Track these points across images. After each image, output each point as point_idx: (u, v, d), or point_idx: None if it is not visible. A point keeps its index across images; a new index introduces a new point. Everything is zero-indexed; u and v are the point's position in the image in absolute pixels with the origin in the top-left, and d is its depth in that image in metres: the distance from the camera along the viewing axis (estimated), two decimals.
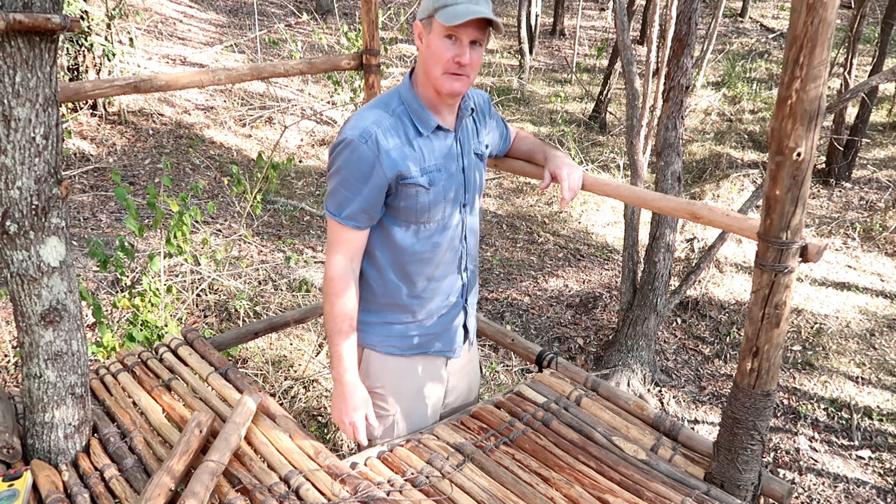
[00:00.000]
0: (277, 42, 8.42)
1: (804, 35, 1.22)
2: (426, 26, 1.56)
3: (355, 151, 1.53)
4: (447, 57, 1.54)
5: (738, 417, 1.54)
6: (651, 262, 4.23)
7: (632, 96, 4.18)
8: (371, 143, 1.53)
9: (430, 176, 1.61)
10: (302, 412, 3.29)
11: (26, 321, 1.49)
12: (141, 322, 3.01)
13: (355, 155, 1.53)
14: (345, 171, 1.55)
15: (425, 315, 1.75)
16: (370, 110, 1.59)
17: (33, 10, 1.30)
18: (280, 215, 5.78)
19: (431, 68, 1.56)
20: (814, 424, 3.97)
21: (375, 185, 1.55)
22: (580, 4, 12.52)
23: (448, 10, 1.51)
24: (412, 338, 1.76)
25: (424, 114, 1.61)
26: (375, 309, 1.72)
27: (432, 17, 1.53)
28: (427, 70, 1.57)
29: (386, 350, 1.75)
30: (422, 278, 1.70)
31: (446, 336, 1.82)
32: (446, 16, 1.49)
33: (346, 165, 1.54)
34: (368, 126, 1.54)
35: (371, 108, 1.60)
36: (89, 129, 6.43)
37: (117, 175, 2.90)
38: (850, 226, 6.33)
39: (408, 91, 1.62)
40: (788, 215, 1.35)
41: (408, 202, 1.60)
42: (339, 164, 1.55)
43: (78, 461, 1.60)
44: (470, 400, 2.06)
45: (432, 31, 1.54)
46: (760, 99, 9.41)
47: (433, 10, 1.52)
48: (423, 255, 1.68)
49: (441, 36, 1.53)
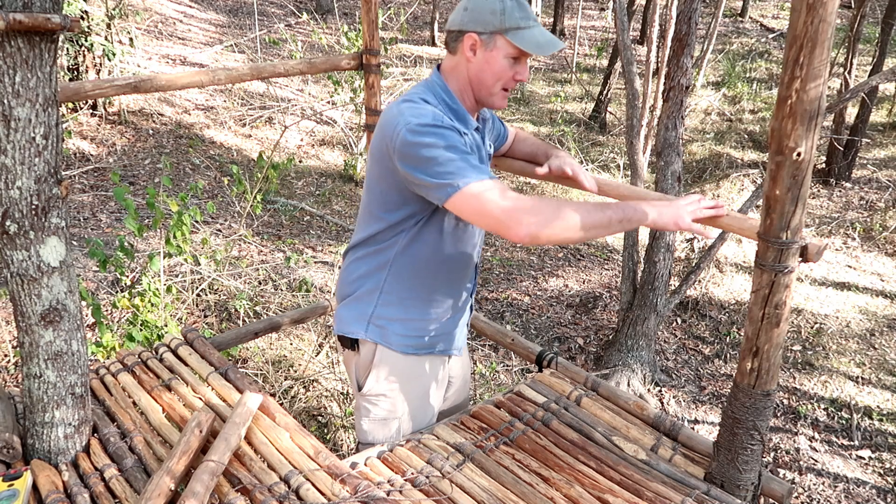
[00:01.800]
0: (277, 42, 8.42)
1: (804, 35, 1.22)
2: (487, 42, 1.53)
3: (442, 129, 1.44)
4: (509, 75, 1.55)
5: (738, 417, 1.54)
6: (651, 261, 4.23)
7: (632, 96, 4.18)
8: (448, 122, 1.48)
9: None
10: (302, 412, 3.29)
11: (26, 321, 1.49)
12: (141, 322, 3.01)
13: (444, 131, 1.44)
14: (452, 141, 1.43)
15: (443, 312, 1.75)
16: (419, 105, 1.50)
17: (33, 10, 1.30)
18: (280, 215, 5.78)
19: (487, 83, 1.56)
20: (814, 424, 3.97)
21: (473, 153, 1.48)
22: (580, 4, 12.52)
23: (524, 35, 1.52)
24: (428, 336, 1.75)
25: (465, 113, 1.61)
26: (398, 301, 1.70)
27: (497, 34, 1.52)
28: (480, 82, 1.57)
29: (401, 349, 1.73)
30: (452, 275, 1.71)
31: (455, 334, 1.83)
32: (526, 43, 1.51)
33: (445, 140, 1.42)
34: (434, 112, 1.49)
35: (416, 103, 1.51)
36: (89, 129, 6.43)
37: (116, 175, 2.90)
38: (850, 226, 6.33)
39: (445, 91, 1.60)
40: (788, 215, 1.35)
41: None
42: (437, 143, 1.42)
43: (78, 461, 1.60)
44: (465, 395, 2.08)
45: (496, 48, 1.53)
46: (760, 99, 9.40)
47: (501, 28, 1.51)
48: (457, 251, 1.69)
49: (507, 56, 1.53)
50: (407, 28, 8.23)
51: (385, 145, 1.52)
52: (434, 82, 1.62)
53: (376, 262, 1.69)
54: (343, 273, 1.78)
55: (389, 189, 1.59)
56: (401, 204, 1.60)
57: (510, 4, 1.52)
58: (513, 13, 1.51)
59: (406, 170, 1.47)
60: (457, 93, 1.61)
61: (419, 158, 1.43)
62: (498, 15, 1.51)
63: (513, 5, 1.52)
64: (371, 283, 1.70)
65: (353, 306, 1.73)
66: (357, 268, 1.73)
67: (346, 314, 1.74)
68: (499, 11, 1.51)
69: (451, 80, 1.61)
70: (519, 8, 1.52)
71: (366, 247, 1.70)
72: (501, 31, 1.51)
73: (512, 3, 1.52)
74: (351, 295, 1.74)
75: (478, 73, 1.56)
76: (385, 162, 1.55)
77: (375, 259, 1.69)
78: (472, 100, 1.62)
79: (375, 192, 1.63)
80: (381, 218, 1.64)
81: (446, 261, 1.69)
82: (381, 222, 1.64)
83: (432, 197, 1.46)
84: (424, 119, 1.45)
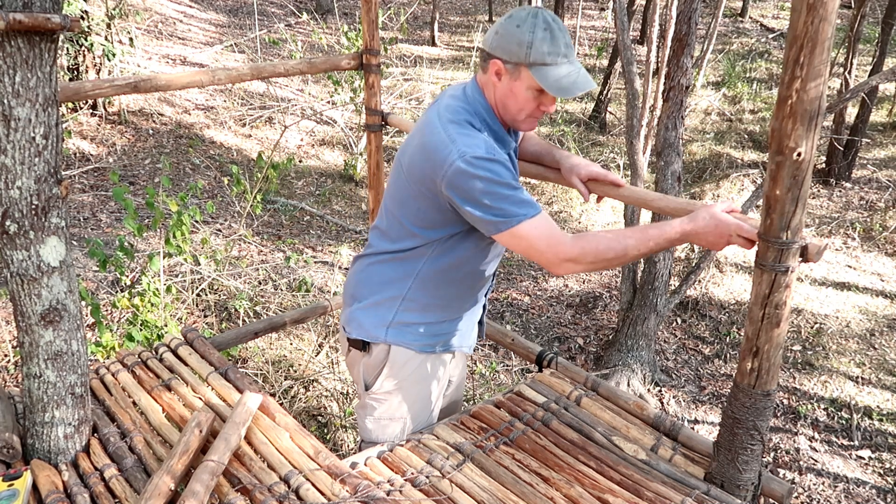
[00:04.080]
0: (277, 42, 8.42)
1: (804, 35, 1.22)
2: (511, 72, 1.49)
3: (496, 163, 1.44)
4: (533, 106, 1.52)
5: (738, 417, 1.53)
6: (651, 261, 4.23)
7: (632, 96, 4.18)
8: (501, 154, 1.48)
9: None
10: (302, 412, 3.29)
11: (26, 321, 1.49)
12: (141, 322, 3.01)
13: (498, 165, 1.45)
14: (505, 178, 1.45)
15: (462, 313, 1.77)
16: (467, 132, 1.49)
17: (33, 9, 1.30)
18: (280, 215, 5.78)
19: (513, 111, 1.54)
20: (814, 424, 3.97)
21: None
22: (580, 4, 12.52)
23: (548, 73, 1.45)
24: (446, 334, 1.76)
25: (505, 135, 1.60)
26: (420, 308, 1.70)
27: (521, 65, 1.47)
28: (505, 108, 1.55)
29: (419, 348, 1.73)
30: (476, 283, 1.72)
31: (469, 332, 1.84)
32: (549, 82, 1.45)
33: (500, 174, 1.44)
34: (486, 143, 1.47)
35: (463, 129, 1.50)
36: (89, 129, 6.43)
37: (116, 175, 2.90)
38: (850, 226, 6.33)
39: (485, 108, 1.57)
40: (788, 215, 1.35)
41: None
42: (492, 178, 1.44)
43: (78, 461, 1.60)
44: (461, 395, 2.11)
45: (519, 79, 1.49)
46: (760, 99, 9.40)
47: (526, 62, 1.46)
48: (485, 262, 1.70)
49: (531, 88, 1.49)
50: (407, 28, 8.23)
51: (432, 170, 1.49)
52: (476, 100, 1.57)
53: (402, 270, 1.67)
54: (360, 275, 1.75)
55: (429, 208, 1.57)
56: (441, 224, 1.59)
57: (540, 37, 1.45)
58: (540, 48, 1.45)
59: (457, 200, 1.48)
60: (495, 109, 1.58)
61: (472, 192, 1.45)
62: (525, 48, 1.45)
63: (543, 38, 1.45)
64: (394, 290, 1.68)
65: (371, 312, 1.71)
66: (379, 272, 1.70)
67: (364, 320, 1.72)
68: (526, 44, 1.45)
69: (487, 97, 1.58)
70: (550, 42, 1.45)
71: (392, 254, 1.68)
72: (525, 64, 1.46)
73: (543, 36, 1.45)
74: (368, 299, 1.72)
75: (503, 99, 1.54)
76: (428, 184, 1.52)
77: (401, 267, 1.67)
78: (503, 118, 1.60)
79: (411, 208, 1.60)
80: (416, 234, 1.62)
81: (473, 271, 1.70)
82: (416, 238, 1.62)
83: (481, 228, 1.51)
84: (478, 151, 1.44)
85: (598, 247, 1.45)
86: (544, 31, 1.45)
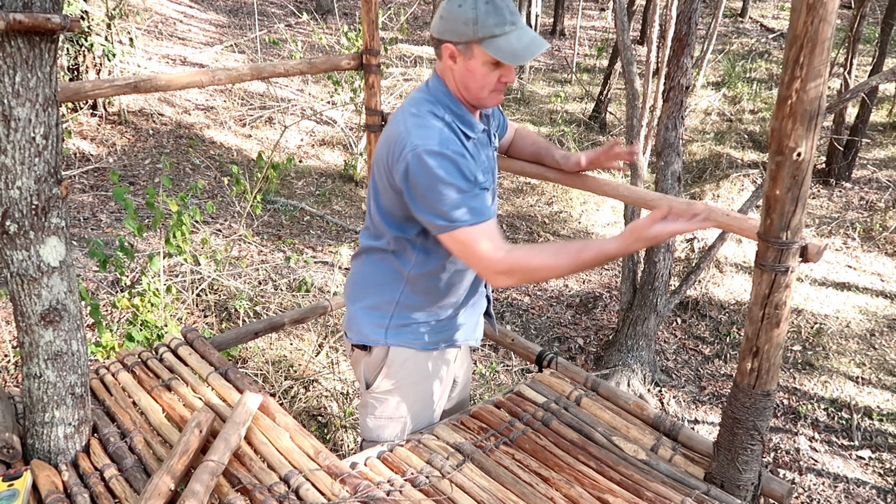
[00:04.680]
0: (277, 42, 8.42)
1: (804, 35, 1.22)
2: (464, 52, 1.48)
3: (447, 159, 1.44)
4: (493, 80, 1.51)
5: (738, 417, 1.54)
6: (651, 262, 4.23)
7: (632, 96, 4.18)
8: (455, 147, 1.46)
9: (488, 177, 1.60)
10: (302, 412, 3.29)
11: (26, 321, 1.49)
12: (141, 322, 3.01)
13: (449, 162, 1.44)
14: (455, 179, 1.43)
15: (460, 310, 1.76)
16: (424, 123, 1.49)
17: (33, 10, 1.30)
18: (280, 215, 5.78)
19: (474, 90, 1.53)
20: (814, 424, 3.97)
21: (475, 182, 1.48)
22: (580, 4, 12.52)
23: (500, 44, 1.44)
24: (446, 330, 1.75)
25: (471, 118, 1.58)
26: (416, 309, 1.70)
27: (472, 43, 1.46)
28: (466, 88, 1.53)
29: (421, 346, 1.73)
30: (460, 276, 1.71)
31: (473, 326, 1.83)
32: (502, 52, 1.44)
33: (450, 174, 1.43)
34: (440, 135, 1.47)
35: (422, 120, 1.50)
36: (89, 129, 6.43)
37: (116, 175, 2.90)
38: (850, 226, 6.33)
39: (446, 95, 1.56)
40: (788, 215, 1.35)
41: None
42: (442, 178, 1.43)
43: (78, 461, 1.60)
44: (466, 395, 2.10)
45: (473, 56, 1.48)
46: (760, 99, 9.41)
47: (475, 38, 1.45)
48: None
49: (487, 63, 1.48)
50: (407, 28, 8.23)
51: (391, 163, 1.50)
52: (437, 88, 1.57)
53: (393, 272, 1.67)
54: (356, 276, 1.76)
55: (392, 204, 1.58)
56: (404, 220, 1.59)
57: (484, 10, 1.44)
58: (486, 21, 1.44)
59: (406, 195, 1.49)
60: (456, 94, 1.58)
61: (417, 189, 1.46)
62: (471, 25, 1.44)
63: (487, 11, 1.44)
64: (388, 293, 1.69)
65: (369, 314, 1.71)
66: (372, 273, 1.71)
67: (363, 323, 1.72)
68: (471, 21, 1.44)
69: (452, 86, 1.57)
70: (494, 13, 1.44)
71: (380, 252, 1.68)
72: (476, 40, 1.45)
73: (486, 9, 1.44)
74: (365, 301, 1.72)
75: (462, 80, 1.53)
76: (388, 177, 1.53)
77: (391, 268, 1.67)
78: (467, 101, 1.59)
79: (384, 203, 1.61)
80: (391, 229, 1.62)
81: (464, 269, 1.69)
82: (392, 234, 1.63)
83: (426, 225, 1.52)
84: (430, 144, 1.44)
85: (529, 263, 1.45)
86: (486, 3, 1.44)
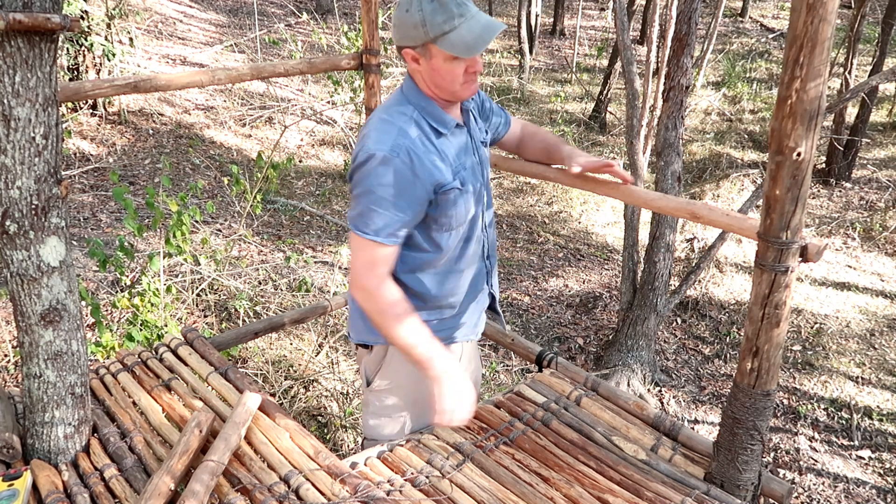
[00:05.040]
0: (277, 42, 8.42)
1: (804, 35, 1.22)
2: (423, 54, 1.48)
3: (390, 169, 1.44)
4: (460, 73, 1.49)
5: (738, 417, 1.53)
6: (651, 262, 4.23)
7: (632, 96, 4.18)
8: (405, 158, 1.45)
9: (461, 176, 1.57)
10: (302, 412, 3.29)
11: (26, 321, 1.49)
12: (141, 322, 3.01)
13: (390, 172, 1.44)
14: (380, 190, 1.45)
15: (457, 308, 1.75)
16: (388, 121, 1.52)
17: (33, 9, 1.30)
18: (280, 215, 5.78)
19: (446, 86, 1.51)
20: (814, 424, 3.97)
21: (416, 198, 1.48)
22: (580, 4, 12.52)
23: (452, 39, 1.43)
24: (445, 330, 1.75)
25: (442, 114, 1.56)
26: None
27: (427, 44, 1.46)
28: (438, 86, 1.52)
29: None
30: (454, 275, 1.69)
31: (472, 322, 1.82)
32: (455, 47, 1.43)
33: (380, 183, 1.45)
34: (396, 138, 1.47)
35: (387, 117, 1.53)
36: (89, 129, 6.43)
37: (115, 175, 2.90)
38: (850, 226, 6.33)
39: (417, 94, 1.56)
40: (788, 215, 1.35)
41: (450, 209, 1.55)
42: (371, 183, 1.45)
43: (78, 461, 1.60)
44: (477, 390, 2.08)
45: (433, 56, 1.47)
46: (760, 99, 9.41)
47: (427, 39, 1.45)
48: (456, 254, 1.67)
49: (447, 59, 1.47)
50: None
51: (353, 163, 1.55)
52: (410, 89, 1.57)
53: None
54: None
55: None
56: None
57: (430, 10, 1.42)
58: (434, 20, 1.42)
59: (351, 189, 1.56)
60: (428, 92, 1.57)
61: (355, 184, 1.50)
62: (420, 27, 1.43)
63: (433, 9, 1.42)
64: None
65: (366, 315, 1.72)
66: None
67: (360, 322, 1.72)
68: (420, 23, 1.43)
69: (420, 84, 1.56)
70: (441, 10, 1.43)
71: None
72: (429, 41, 1.45)
73: (432, 8, 1.42)
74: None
75: (431, 80, 1.52)
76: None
77: None
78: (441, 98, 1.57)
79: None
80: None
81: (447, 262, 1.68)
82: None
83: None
84: (381, 149, 1.45)
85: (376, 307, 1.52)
86: (430, 2, 1.43)
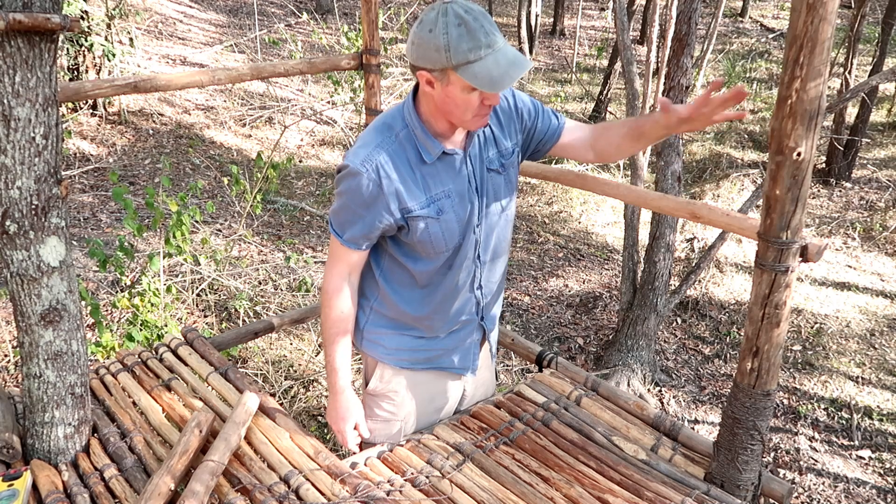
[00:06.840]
0: (277, 42, 8.42)
1: (804, 35, 1.22)
2: (440, 78, 1.38)
3: (358, 181, 1.46)
4: (475, 105, 1.40)
5: (738, 417, 1.53)
6: (651, 261, 4.23)
7: (632, 96, 4.18)
8: (373, 174, 1.45)
9: (439, 204, 1.52)
10: (302, 412, 3.29)
11: (26, 321, 1.49)
12: (141, 322, 3.01)
13: (357, 184, 1.47)
14: (347, 198, 1.50)
15: (435, 332, 1.72)
16: (374, 134, 1.51)
17: (33, 10, 1.30)
18: (280, 215, 5.78)
19: (457, 115, 1.44)
20: (814, 424, 3.97)
21: (378, 213, 1.49)
22: (580, 4, 12.52)
23: (476, 70, 1.33)
24: (423, 352, 1.73)
25: (430, 142, 1.49)
26: (387, 321, 1.70)
27: (447, 70, 1.35)
28: (449, 113, 1.45)
29: (398, 363, 1.72)
30: (432, 300, 1.66)
31: (461, 352, 1.78)
32: (478, 80, 1.33)
33: (348, 192, 1.50)
34: (371, 153, 1.46)
35: (375, 131, 1.51)
36: (89, 129, 6.43)
37: (115, 175, 2.90)
38: (850, 226, 6.33)
39: (412, 115, 1.49)
40: (788, 215, 1.35)
41: (421, 236, 1.53)
42: (341, 189, 1.51)
43: (78, 461, 1.60)
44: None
45: (450, 83, 1.38)
46: (760, 99, 9.41)
47: (452, 65, 1.34)
48: (434, 280, 1.64)
49: (465, 89, 1.37)
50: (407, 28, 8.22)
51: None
52: (410, 108, 1.51)
53: (369, 273, 1.68)
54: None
55: None
56: None
57: (455, 35, 1.32)
58: (459, 47, 1.32)
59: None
60: (427, 116, 1.50)
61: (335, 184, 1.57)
62: (443, 52, 1.33)
63: (459, 35, 1.32)
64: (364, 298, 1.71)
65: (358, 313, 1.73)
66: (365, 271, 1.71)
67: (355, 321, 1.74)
68: (443, 48, 1.32)
69: (423, 105, 1.50)
70: (468, 38, 1.32)
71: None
72: (451, 67, 1.34)
73: (458, 33, 1.32)
74: (360, 299, 1.73)
75: (443, 106, 1.44)
76: None
77: (368, 267, 1.68)
78: (448, 123, 1.50)
79: None
80: None
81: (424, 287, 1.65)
82: None
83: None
84: (355, 161, 1.47)
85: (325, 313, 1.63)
86: (458, 27, 1.32)
